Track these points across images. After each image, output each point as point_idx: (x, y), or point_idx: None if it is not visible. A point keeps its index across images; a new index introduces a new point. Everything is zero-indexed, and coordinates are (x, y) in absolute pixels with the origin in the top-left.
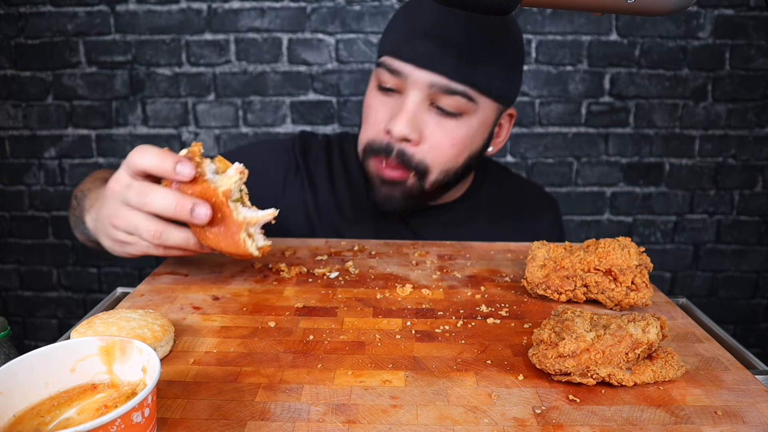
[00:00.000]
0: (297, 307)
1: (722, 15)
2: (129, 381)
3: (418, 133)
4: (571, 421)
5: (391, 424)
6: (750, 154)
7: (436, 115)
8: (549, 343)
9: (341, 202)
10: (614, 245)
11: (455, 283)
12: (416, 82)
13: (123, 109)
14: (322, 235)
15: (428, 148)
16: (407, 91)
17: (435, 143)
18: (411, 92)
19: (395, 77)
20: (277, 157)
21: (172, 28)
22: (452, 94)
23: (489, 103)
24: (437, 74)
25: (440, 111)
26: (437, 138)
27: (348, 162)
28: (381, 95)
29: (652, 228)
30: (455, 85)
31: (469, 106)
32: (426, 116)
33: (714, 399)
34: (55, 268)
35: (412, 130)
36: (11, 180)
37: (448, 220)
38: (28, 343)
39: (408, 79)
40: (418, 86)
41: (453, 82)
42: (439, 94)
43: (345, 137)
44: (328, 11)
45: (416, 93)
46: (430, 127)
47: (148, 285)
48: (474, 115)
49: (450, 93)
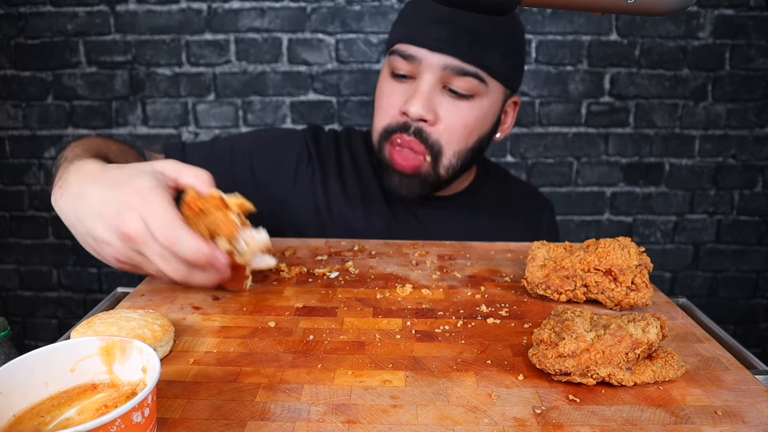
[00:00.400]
0: (297, 307)
1: (722, 15)
2: (129, 381)
3: (433, 113)
4: (571, 421)
5: (391, 424)
6: (750, 154)
7: (449, 97)
8: (549, 343)
9: (350, 193)
10: (614, 245)
11: (455, 283)
12: (430, 65)
13: (123, 109)
14: (330, 224)
15: (443, 128)
16: (421, 75)
17: (449, 123)
18: (425, 75)
19: (409, 63)
20: (290, 143)
21: (172, 28)
22: (465, 75)
23: (498, 86)
24: (451, 56)
25: (453, 93)
26: (451, 118)
27: (356, 154)
28: (395, 82)
29: (652, 228)
30: (468, 67)
31: (481, 87)
32: (440, 98)
33: (714, 399)
34: (55, 268)
35: (428, 110)
36: (11, 180)
37: (453, 213)
38: (28, 343)
39: (422, 63)
40: (432, 69)
41: (466, 63)
42: (452, 76)
43: (351, 131)
44: (328, 11)
45: (430, 76)
46: (444, 109)
47: (148, 285)
48: (485, 97)
49: (463, 74)
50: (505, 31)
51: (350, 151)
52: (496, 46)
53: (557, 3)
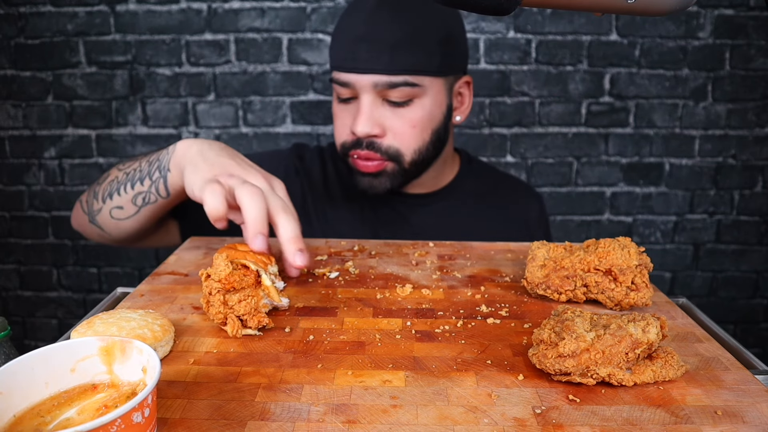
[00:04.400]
0: (297, 307)
1: (722, 15)
2: (129, 381)
3: (379, 127)
4: (571, 421)
5: (391, 424)
6: (750, 154)
7: (390, 107)
8: (549, 343)
9: (335, 199)
10: (614, 245)
11: (455, 283)
12: (363, 86)
13: (123, 109)
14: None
15: (393, 136)
16: (360, 95)
17: (397, 131)
18: (363, 96)
19: (346, 88)
20: (277, 164)
21: (172, 28)
22: (395, 87)
23: (434, 80)
24: (377, 74)
25: (392, 103)
26: (397, 126)
27: (338, 163)
28: (342, 105)
29: (652, 228)
30: (395, 78)
31: (416, 90)
32: (382, 110)
33: (714, 399)
34: (55, 268)
35: (373, 126)
36: (11, 180)
37: (438, 208)
38: (28, 343)
39: (356, 86)
40: (366, 89)
41: (392, 76)
42: (385, 90)
43: (333, 145)
44: (328, 11)
45: (367, 95)
46: (389, 119)
47: (148, 285)
48: (424, 96)
49: (393, 87)
50: (425, 24)
51: (333, 161)
52: (419, 46)
53: (557, 3)
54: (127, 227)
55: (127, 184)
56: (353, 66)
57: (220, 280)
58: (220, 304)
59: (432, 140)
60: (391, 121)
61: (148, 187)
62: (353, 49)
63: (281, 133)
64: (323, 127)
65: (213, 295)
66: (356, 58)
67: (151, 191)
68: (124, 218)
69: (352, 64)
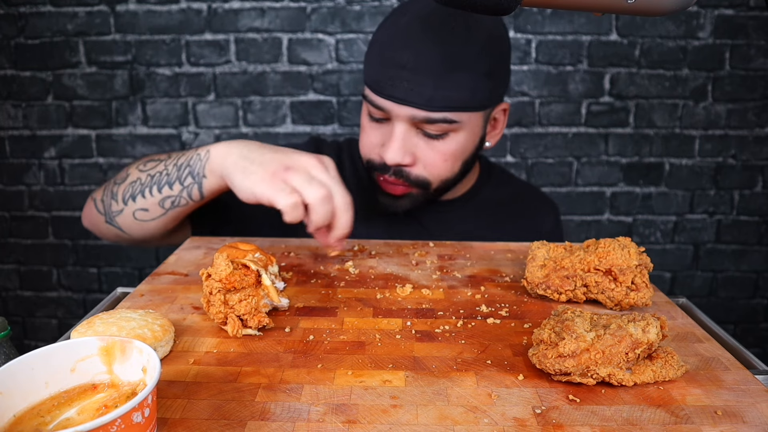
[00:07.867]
0: (297, 307)
1: (722, 15)
2: (129, 381)
3: (410, 156)
4: (571, 421)
5: (391, 424)
6: (750, 154)
7: (424, 138)
8: (549, 343)
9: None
10: (614, 245)
11: (455, 283)
12: (399, 115)
13: (123, 109)
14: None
15: (423, 166)
16: (393, 121)
17: (428, 162)
18: (397, 123)
19: (380, 110)
20: None
21: (172, 28)
22: (433, 122)
23: (473, 114)
24: (415, 108)
25: (426, 134)
26: (429, 158)
27: (357, 164)
28: (372, 122)
29: (652, 228)
30: (434, 115)
31: (453, 126)
32: (415, 140)
33: (714, 399)
34: (55, 268)
35: (404, 155)
36: (11, 180)
37: (454, 216)
38: (28, 343)
39: (392, 113)
40: (401, 119)
41: (431, 112)
42: (422, 123)
43: (352, 142)
44: (328, 11)
45: (401, 124)
46: (421, 149)
47: (148, 285)
48: (460, 131)
49: (431, 122)
50: (471, 53)
51: (351, 160)
52: (463, 81)
53: (557, 3)
54: (151, 228)
55: (153, 187)
56: (391, 94)
57: (221, 279)
58: (221, 303)
59: (461, 170)
60: (423, 152)
61: (178, 192)
62: (392, 76)
63: (281, 133)
64: (323, 127)
65: (213, 295)
66: (395, 86)
67: (182, 195)
68: (149, 219)
69: (390, 91)
